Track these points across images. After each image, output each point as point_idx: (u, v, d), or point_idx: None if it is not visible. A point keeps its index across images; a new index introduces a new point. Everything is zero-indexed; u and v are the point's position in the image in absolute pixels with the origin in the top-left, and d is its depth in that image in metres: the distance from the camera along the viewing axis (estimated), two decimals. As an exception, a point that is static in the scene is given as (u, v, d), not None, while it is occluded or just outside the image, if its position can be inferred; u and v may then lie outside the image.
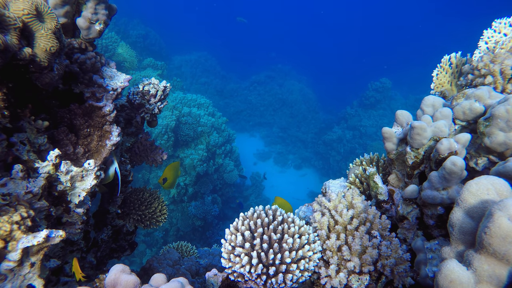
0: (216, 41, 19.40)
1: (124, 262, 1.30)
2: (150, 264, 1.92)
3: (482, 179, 0.77)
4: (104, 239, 1.72)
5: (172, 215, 5.73)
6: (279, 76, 12.69)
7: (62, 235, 0.95)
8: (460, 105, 1.22)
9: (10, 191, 0.99)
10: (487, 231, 0.66)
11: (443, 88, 1.71)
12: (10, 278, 0.88)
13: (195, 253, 2.77)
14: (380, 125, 9.20)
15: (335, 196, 1.23)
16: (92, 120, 1.38)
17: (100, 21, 1.35)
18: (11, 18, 0.90)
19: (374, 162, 1.64)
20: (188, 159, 5.71)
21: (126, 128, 1.75)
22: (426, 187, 1.11)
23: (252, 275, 1.04)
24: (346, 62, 21.04)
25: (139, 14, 11.38)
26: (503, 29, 1.61)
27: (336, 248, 1.12)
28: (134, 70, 6.88)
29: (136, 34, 8.93)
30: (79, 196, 1.27)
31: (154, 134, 5.43)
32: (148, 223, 1.88)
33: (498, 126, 1.05)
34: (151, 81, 1.69)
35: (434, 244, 1.10)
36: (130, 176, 1.82)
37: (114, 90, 1.41)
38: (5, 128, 1.05)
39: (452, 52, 1.72)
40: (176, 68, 11.16)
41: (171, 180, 2.06)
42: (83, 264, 1.56)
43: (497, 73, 1.36)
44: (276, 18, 27.42)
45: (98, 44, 6.47)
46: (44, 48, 1.00)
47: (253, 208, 1.18)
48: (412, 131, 1.15)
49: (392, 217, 1.33)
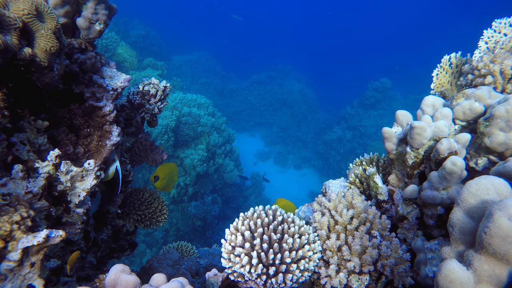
0: (216, 41, 19.41)
1: (124, 262, 1.30)
2: (150, 264, 1.92)
3: (482, 179, 0.77)
4: (104, 239, 1.72)
5: (172, 215, 5.73)
6: (279, 76, 12.69)
7: (62, 235, 0.95)
8: (460, 105, 1.21)
9: (10, 191, 0.99)
10: (487, 231, 0.66)
11: (443, 88, 1.71)
12: (10, 278, 0.88)
13: (195, 253, 2.77)
14: (380, 125, 9.20)
15: (335, 196, 1.23)
16: (92, 120, 1.38)
17: (100, 21, 1.35)
18: (11, 18, 0.90)
19: (374, 162, 1.64)
20: (188, 159, 5.71)
21: (126, 128, 1.75)
22: (426, 187, 1.11)
23: (252, 275, 1.04)
24: (346, 62, 21.05)
25: (139, 14, 11.40)
26: (503, 29, 1.61)
27: (336, 248, 1.12)
28: (134, 70, 6.89)
29: (136, 34, 8.94)
30: (79, 196, 1.27)
31: (154, 134, 5.43)
32: (148, 223, 1.88)
33: (498, 126, 1.05)
34: (151, 81, 1.69)
35: (434, 244, 1.10)
36: (130, 176, 1.82)
37: (114, 90, 1.41)
38: (5, 128, 1.06)
39: (452, 52, 1.72)
40: (176, 68, 11.16)
41: (163, 180, 1.93)
42: (83, 264, 1.56)
43: (497, 73, 1.36)
44: (276, 18, 27.45)
45: (98, 44, 6.47)
46: (44, 48, 1.00)
47: (253, 208, 1.18)
48: (412, 131, 1.15)
49: (392, 217, 1.33)
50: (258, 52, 20.07)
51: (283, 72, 13.08)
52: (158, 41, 9.75)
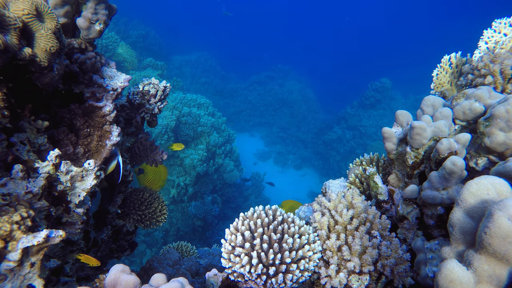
0: (216, 41, 19.41)
1: (124, 262, 1.30)
2: (150, 264, 1.92)
3: (482, 179, 0.77)
4: (104, 239, 1.72)
5: (172, 215, 5.73)
6: (279, 76, 12.69)
7: (62, 235, 0.94)
8: (460, 105, 1.22)
9: (10, 191, 0.99)
10: (487, 231, 0.66)
11: (443, 88, 1.71)
12: (10, 278, 0.88)
13: (195, 253, 2.77)
14: (380, 125, 9.20)
15: (335, 196, 1.23)
16: (92, 120, 1.38)
17: (100, 21, 1.35)
18: (11, 18, 0.90)
19: (374, 162, 1.64)
20: (188, 159, 5.71)
21: (126, 128, 1.75)
22: (426, 187, 1.11)
23: (252, 275, 1.04)
24: (346, 62, 21.05)
25: (139, 14, 11.39)
26: (503, 29, 1.61)
27: (336, 248, 1.12)
28: (134, 70, 6.89)
29: (136, 34, 8.93)
30: (79, 196, 1.27)
31: (154, 134, 5.43)
32: (148, 223, 1.88)
33: (498, 126, 1.05)
34: (151, 81, 1.69)
35: (434, 244, 1.10)
36: (130, 176, 1.82)
37: (114, 90, 1.41)
38: (5, 128, 1.05)
39: (452, 52, 1.72)
40: (176, 68, 11.16)
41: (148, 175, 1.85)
42: (83, 264, 1.56)
43: (497, 73, 1.36)
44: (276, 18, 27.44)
45: (98, 44, 6.48)
46: (44, 48, 1.00)
47: (253, 208, 1.18)
48: (412, 131, 1.15)
49: (392, 217, 1.33)
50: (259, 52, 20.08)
51: (283, 72, 13.08)
52: (158, 41, 9.75)
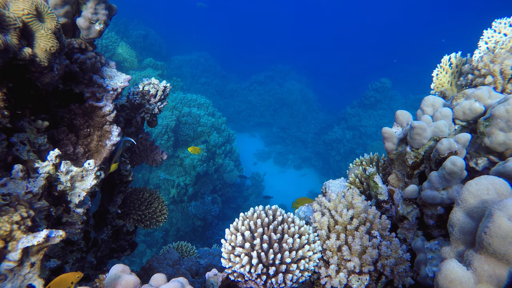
0: (216, 41, 19.39)
1: (124, 262, 1.30)
2: (150, 264, 1.92)
3: (482, 179, 0.77)
4: (104, 239, 1.72)
5: (172, 215, 5.73)
6: (279, 76, 12.70)
7: (62, 235, 0.94)
8: (460, 105, 1.21)
9: (10, 191, 0.99)
10: (487, 231, 0.66)
11: (443, 88, 1.71)
12: (10, 278, 0.88)
13: (195, 253, 2.77)
14: (380, 125, 9.20)
15: (335, 196, 1.23)
16: (92, 120, 1.38)
17: (100, 21, 1.35)
18: (11, 18, 0.90)
19: (374, 162, 1.64)
20: (188, 159, 5.71)
21: (126, 128, 1.75)
22: (426, 187, 1.11)
23: (252, 275, 1.04)
24: (346, 62, 21.05)
25: (139, 14, 11.39)
26: (503, 29, 1.61)
27: (336, 248, 1.12)
28: (134, 70, 6.89)
29: (136, 34, 8.93)
30: (79, 196, 1.27)
31: (154, 134, 5.43)
32: (148, 223, 1.88)
33: (498, 126, 1.05)
34: (151, 81, 1.69)
35: (434, 244, 1.10)
36: (130, 176, 1.82)
37: (114, 90, 1.41)
38: (5, 128, 1.05)
39: (452, 52, 1.72)
40: (176, 68, 11.15)
41: None
42: (83, 264, 1.56)
43: (497, 73, 1.36)
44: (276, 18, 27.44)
45: (98, 44, 6.48)
46: (44, 48, 1.00)
47: (253, 208, 1.18)
48: (412, 131, 1.15)
49: (392, 217, 1.33)
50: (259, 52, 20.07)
51: (283, 72, 13.08)
52: (158, 41, 9.74)
